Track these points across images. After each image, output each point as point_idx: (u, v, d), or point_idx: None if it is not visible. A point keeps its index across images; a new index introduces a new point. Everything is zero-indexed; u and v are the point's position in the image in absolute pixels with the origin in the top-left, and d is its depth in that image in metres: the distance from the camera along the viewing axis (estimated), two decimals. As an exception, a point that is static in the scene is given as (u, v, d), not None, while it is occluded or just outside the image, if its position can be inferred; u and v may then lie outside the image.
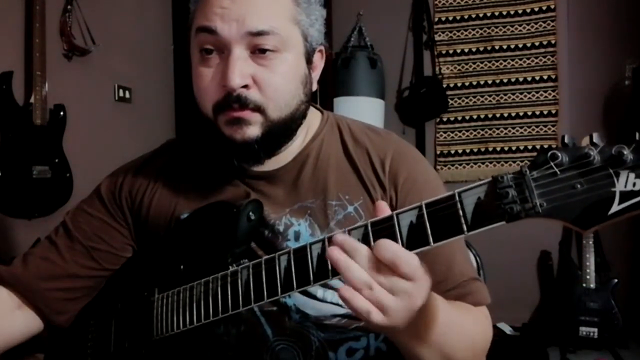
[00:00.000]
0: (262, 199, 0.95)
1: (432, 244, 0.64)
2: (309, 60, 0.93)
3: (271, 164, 0.97)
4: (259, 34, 0.84)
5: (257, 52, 0.86)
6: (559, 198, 0.57)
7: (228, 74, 0.84)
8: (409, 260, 0.64)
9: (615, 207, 0.55)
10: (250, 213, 0.91)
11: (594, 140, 0.57)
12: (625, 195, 0.55)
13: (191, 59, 0.93)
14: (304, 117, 0.96)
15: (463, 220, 0.62)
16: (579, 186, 0.57)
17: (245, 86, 0.86)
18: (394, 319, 0.66)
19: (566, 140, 0.58)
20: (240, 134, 0.88)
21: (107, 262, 1.04)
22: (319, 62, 0.97)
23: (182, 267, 0.94)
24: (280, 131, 0.91)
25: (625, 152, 0.55)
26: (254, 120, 0.88)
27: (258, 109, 0.87)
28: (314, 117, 1.02)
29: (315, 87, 0.97)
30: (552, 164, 0.58)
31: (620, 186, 0.55)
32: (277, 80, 0.87)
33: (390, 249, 0.64)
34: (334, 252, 0.67)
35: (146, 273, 1.00)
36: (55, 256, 1.02)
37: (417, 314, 0.68)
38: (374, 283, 0.65)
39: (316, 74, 0.97)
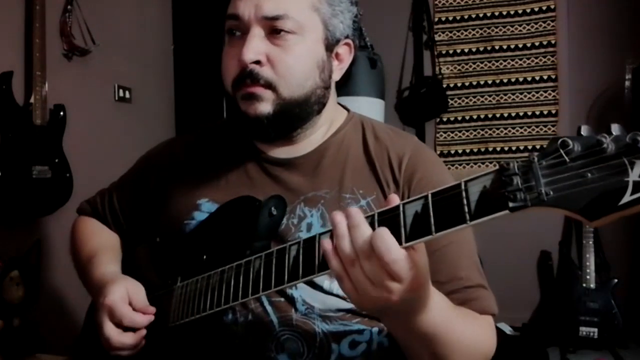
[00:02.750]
0: (277, 184, 0.99)
1: (434, 233, 0.62)
2: (329, 48, 0.97)
3: (291, 152, 1.02)
4: (275, 18, 0.90)
5: (273, 32, 0.91)
6: (567, 187, 0.54)
7: (242, 50, 0.90)
8: (397, 257, 0.64)
9: (627, 198, 0.51)
10: (273, 208, 0.94)
11: (612, 130, 0.53)
12: (639, 186, 0.51)
13: None
14: (321, 104, 0.99)
15: (467, 209, 0.60)
16: (589, 175, 0.53)
17: (258, 62, 0.91)
18: (362, 302, 0.69)
19: (583, 132, 0.55)
20: (252, 109, 0.93)
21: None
22: (346, 55, 1.01)
23: (204, 257, 0.97)
24: (293, 112, 0.95)
25: None
26: (266, 97, 0.93)
27: (269, 85, 0.92)
28: (339, 114, 1.07)
29: (338, 77, 1.01)
30: (562, 151, 0.54)
31: (634, 176, 0.51)
32: (289, 59, 0.92)
33: (385, 241, 0.64)
34: (338, 216, 0.68)
35: (172, 262, 1.03)
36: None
37: (403, 309, 0.70)
38: (357, 263, 0.66)
39: (342, 66, 1.01)
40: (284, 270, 0.76)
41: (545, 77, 3.06)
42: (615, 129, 0.53)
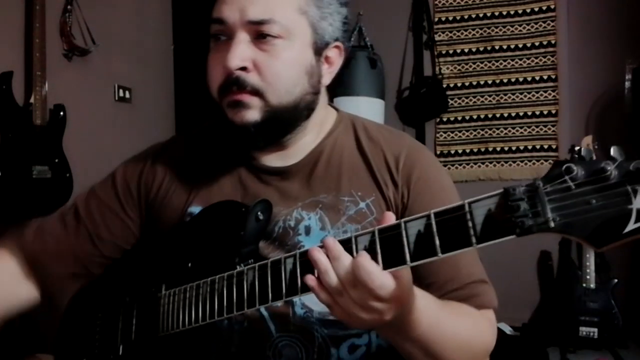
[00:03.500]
0: (275, 194, 0.97)
1: (439, 255, 0.63)
2: (318, 52, 0.94)
3: (284, 158, 0.99)
4: (260, 22, 0.87)
5: (259, 37, 0.88)
6: (573, 214, 0.55)
7: (227, 56, 0.87)
8: (382, 283, 0.65)
9: (631, 226, 0.53)
10: (259, 213, 0.91)
11: (612, 154, 0.54)
12: None
13: None
14: (310, 109, 0.96)
15: (472, 232, 0.60)
16: (594, 202, 0.54)
17: (245, 69, 0.88)
18: (355, 324, 0.70)
19: (583, 153, 0.57)
20: (239, 117, 0.90)
21: (108, 250, 1.05)
22: (337, 58, 0.98)
23: (189, 264, 0.94)
24: (282, 119, 0.92)
25: None
26: (253, 104, 0.89)
27: (257, 92, 0.89)
28: (329, 115, 1.04)
29: (328, 81, 0.98)
30: (566, 177, 0.55)
31: (637, 204, 0.53)
32: (277, 65, 0.89)
33: (365, 269, 0.65)
34: (316, 253, 0.69)
35: (154, 268, 1.00)
36: (62, 235, 1.05)
37: (394, 322, 0.70)
38: (344, 292, 0.67)
39: (332, 70, 0.98)
40: (281, 284, 0.75)
41: (545, 77, 3.06)
42: (614, 151, 0.55)
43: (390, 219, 0.69)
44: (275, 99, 0.90)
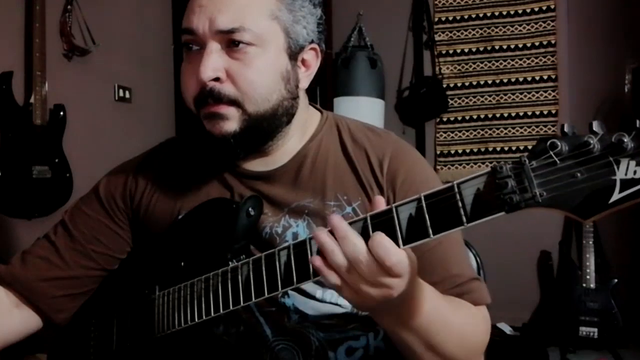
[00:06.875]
0: (261, 198, 0.96)
1: (431, 236, 0.64)
2: (293, 57, 0.92)
3: (268, 164, 0.97)
4: (230, 31, 0.85)
5: (231, 45, 0.86)
6: (559, 187, 0.57)
7: (200, 67, 0.85)
8: (399, 261, 0.65)
9: (616, 196, 0.54)
10: (250, 209, 0.91)
11: (594, 129, 0.56)
12: (626, 183, 0.54)
13: None
14: (290, 115, 0.94)
15: (462, 212, 0.62)
16: (578, 175, 0.56)
17: (218, 79, 0.86)
18: (364, 303, 0.70)
19: (566, 129, 0.57)
20: (217, 128, 0.89)
21: (105, 263, 1.04)
22: (313, 60, 0.96)
23: (182, 264, 0.94)
24: (261, 127, 0.90)
25: (625, 140, 0.54)
26: (231, 115, 0.88)
27: (233, 102, 0.87)
28: (312, 117, 1.02)
29: (306, 85, 0.96)
30: (551, 153, 0.57)
31: (620, 174, 0.54)
32: (251, 73, 0.87)
33: (384, 247, 0.65)
34: (322, 235, 0.68)
35: (147, 271, 1.00)
36: (54, 257, 1.02)
37: (398, 301, 0.70)
38: (353, 270, 0.67)
39: (309, 73, 0.96)
40: (275, 276, 0.75)
41: (545, 77, 3.06)
42: (596, 125, 0.56)
43: (381, 204, 0.69)
44: (253, 107, 0.88)
